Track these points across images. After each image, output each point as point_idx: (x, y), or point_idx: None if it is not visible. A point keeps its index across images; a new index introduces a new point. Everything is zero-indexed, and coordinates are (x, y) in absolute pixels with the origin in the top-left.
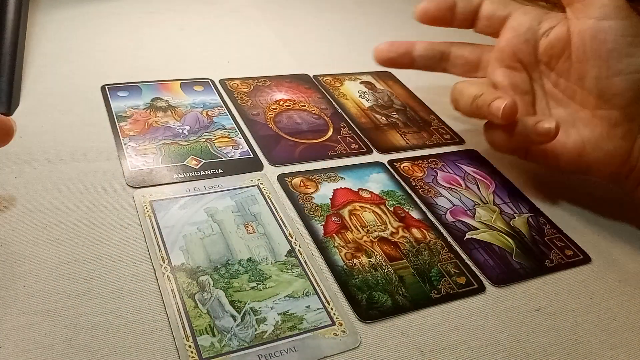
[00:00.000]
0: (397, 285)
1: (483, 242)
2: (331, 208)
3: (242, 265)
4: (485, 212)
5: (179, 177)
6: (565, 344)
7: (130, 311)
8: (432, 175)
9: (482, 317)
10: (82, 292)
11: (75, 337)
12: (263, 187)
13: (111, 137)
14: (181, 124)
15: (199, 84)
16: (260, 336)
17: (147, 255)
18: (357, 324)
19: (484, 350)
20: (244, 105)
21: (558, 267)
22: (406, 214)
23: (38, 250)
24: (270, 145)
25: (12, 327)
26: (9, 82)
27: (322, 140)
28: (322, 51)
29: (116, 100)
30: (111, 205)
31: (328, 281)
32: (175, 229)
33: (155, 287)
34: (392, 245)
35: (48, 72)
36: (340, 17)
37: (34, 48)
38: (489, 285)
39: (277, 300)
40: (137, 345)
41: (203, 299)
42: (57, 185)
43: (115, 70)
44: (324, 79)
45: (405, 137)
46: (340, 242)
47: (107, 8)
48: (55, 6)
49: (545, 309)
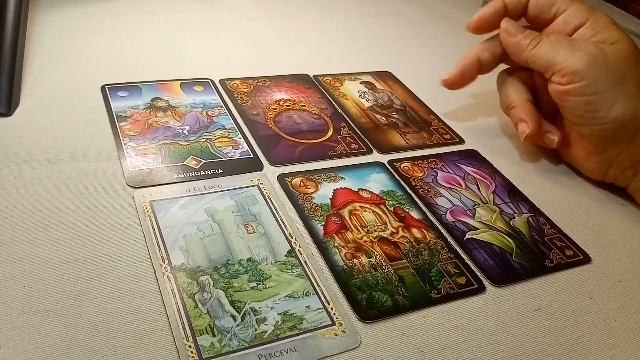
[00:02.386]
0: (397, 285)
1: (483, 242)
2: (331, 208)
3: (242, 265)
4: (485, 212)
5: (179, 177)
6: (565, 344)
7: (130, 311)
8: (432, 175)
9: (482, 317)
10: (82, 292)
11: (75, 337)
12: (263, 187)
13: (111, 137)
14: (181, 124)
15: (199, 84)
16: (260, 336)
17: (147, 255)
18: (357, 324)
19: (484, 350)
20: (244, 105)
21: (558, 267)
22: (406, 214)
23: (38, 250)
24: (270, 145)
25: (12, 327)
26: (9, 82)
27: (322, 140)
28: (322, 51)
29: (116, 100)
30: (111, 205)
31: (328, 281)
32: (175, 229)
33: (155, 287)
34: (392, 245)
35: (48, 72)
36: (340, 17)
37: (34, 48)
38: (489, 285)
39: (277, 300)
40: (137, 345)
41: (203, 299)
42: (57, 185)
43: (115, 70)
44: (324, 79)
45: (405, 137)
46: (340, 242)
47: (107, 8)
48: (55, 6)
49: (545, 309)
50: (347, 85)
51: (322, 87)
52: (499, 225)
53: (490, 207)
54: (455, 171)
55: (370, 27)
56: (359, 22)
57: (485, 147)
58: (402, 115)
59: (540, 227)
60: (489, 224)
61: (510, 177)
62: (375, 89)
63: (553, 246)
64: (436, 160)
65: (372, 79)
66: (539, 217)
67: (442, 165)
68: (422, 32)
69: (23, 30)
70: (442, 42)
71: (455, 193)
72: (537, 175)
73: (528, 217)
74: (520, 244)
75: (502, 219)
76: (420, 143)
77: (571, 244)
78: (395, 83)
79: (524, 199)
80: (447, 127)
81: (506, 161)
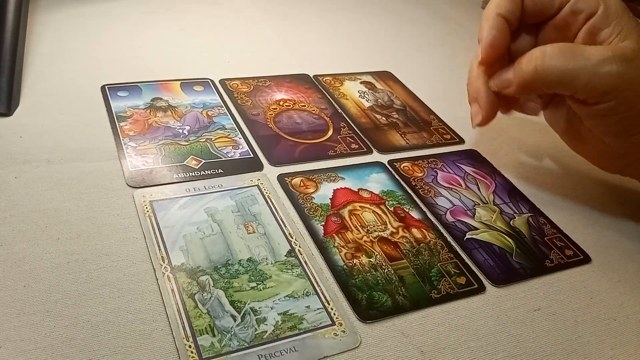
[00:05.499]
0: (397, 285)
1: (483, 242)
2: (331, 208)
3: (242, 265)
4: (485, 212)
5: (179, 177)
6: (565, 344)
7: (130, 311)
8: (432, 175)
9: (482, 317)
10: (82, 292)
11: (75, 337)
12: (263, 187)
13: (111, 137)
14: (181, 124)
15: (199, 84)
16: (260, 336)
17: (147, 255)
18: (357, 324)
19: (484, 350)
20: (244, 105)
21: (558, 267)
22: (406, 214)
23: (38, 250)
24: (270, 145)
25: (12, 327)
26: (9, 82)
27: (322, 140)
28: (322, 51)
29: (116, 100)
30: (111, 205)
31: (328, 281)
32: (175, 229)
33: (155, 287)
34: (392, 245)
35: (48, 72)
36: (340, 17)
37: (34, 48)
38: (489, 285)
39: (277, 300)
40: (137, 345)
41: (203, 299)
42: (57, 185)
43: (115, 70)
44: (324, 79)
45: (405, 137)
46: (340, 242)
47: (107, 8)
48: (55, 6)
49: (545, 309)
50: (347, 85)
51: (322, 87)
52: (499, 225)
53: (490, 207)
54: (455, 171)
55: (370, 27)
56: (359, 22)
57: (485, 147)
58: (402, 115)
59: (540, 227)
60: (489, 224)
61: (510, 177)
62: (375, 89)
63: (553, 246)
64: (436, 160)
65: (372, 79)
66: (539, 217)
67: (442, 165)
68: (422, 32)
69: (23, 30)
70: (442, 42)
71: (455, 193)
72: (537, 175)
73: (528, 217)
74: (520, 244)
75: (502, 219)
76: (420, 143)
77: (571, 244)
78: (395, 83)
79: (524, 199)
80: (447, 127)
81: (506, 161)
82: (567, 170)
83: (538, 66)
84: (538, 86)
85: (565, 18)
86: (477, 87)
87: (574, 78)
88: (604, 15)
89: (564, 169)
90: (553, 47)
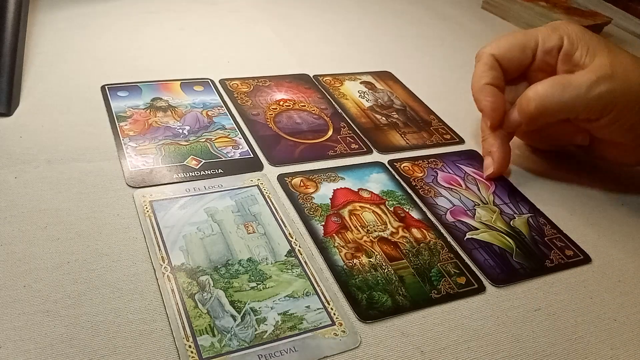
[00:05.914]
0: (397, 285)
1: (483, 242)
2: (331, 208)
3: (242, 265)
4: (485, 212)
5: (179, 177)
6: (565, 344)
7: (130, 311)
8: (432, 176)
9: (482, 317)
10: (82, 292)
11: (75, 337)
12: (263, 187)
13: (111, 137)
14: (181, 124)
15: (199, 84)
16: (260, 336)
17: (147, 255)
18: (357, 324)
19: (484, 350)
20: (244, 105)
21: (558, 267)
22: (406, 214)
23: (38, 250)
24: (270, 145)
25: (12, 327)
26: (9, 82)
27: (322, 140)
28: (322, 51)
29: (116, 100)
30: (111, 205)
31: (328, 281)
32: (175, 229)
33: (155, 287)
34: (392, 245)
35: (48, 72)
36: (340, 17)
37: (34, 48)
38: (489, 285)
39: (277, 300)
40: (137, 345)
41: (203, 299)
42: (57, 185)
43: (115, 70)
44: (324, 79)
45: (405, 137)
46: (340, 242)
47: (107, 8)
48: (55, 6)
49: (545, 309)
50: (347, 85)
51: (322, 87)
52: (499, 226)
53: (490, 208)
54: (455, 171)
55: (370, 27)
56: (359, 22)
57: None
58: (402, 115)
59: (540, 227)
60: (489, 224)
61: (510, 177)
62: (375, 89)
63: (553, 246)
64: (436, 160)
65: (372, 79)
66: (539, 217)
67: (442, 165)
68: (422, 32)
69: (23, 30)
70: (442, 42)
71: (455, 193)
72: (537, 175)
73: (528, 217)
74: (520, 244)
75: (502, 219)
76: (420, 143)
77: (571, 244)
78: (395, 83)
79: (524, 199)
80: (447, 127)
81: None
82: (567, 170)
83: (538, 104)
84: (544, 119)
85: (542, 59)
86: (491, 143)
87: (573, 107)
88: (569, 43)
89: (564, 169)
90: (543, 84)
